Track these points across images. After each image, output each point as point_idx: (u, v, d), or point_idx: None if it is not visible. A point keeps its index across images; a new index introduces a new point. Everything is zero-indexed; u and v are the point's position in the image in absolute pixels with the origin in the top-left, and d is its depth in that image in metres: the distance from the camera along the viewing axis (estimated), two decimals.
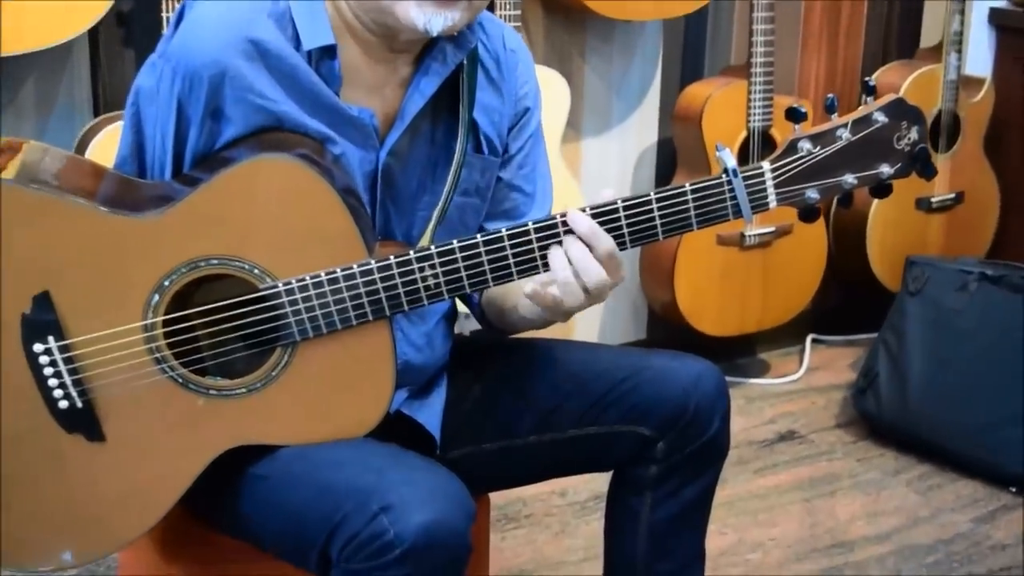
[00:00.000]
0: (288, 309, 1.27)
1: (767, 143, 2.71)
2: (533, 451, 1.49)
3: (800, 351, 3.20)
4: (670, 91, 2.90)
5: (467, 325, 2.59)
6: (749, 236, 2.78)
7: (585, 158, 2.85)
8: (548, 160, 1.55)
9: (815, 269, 2.96)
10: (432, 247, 1.27)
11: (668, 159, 2.90)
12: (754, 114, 2.69)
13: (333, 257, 1.27)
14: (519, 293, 1.40)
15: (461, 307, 1.59)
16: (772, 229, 2.81)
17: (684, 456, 1.46)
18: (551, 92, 2.52)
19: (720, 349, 2.90)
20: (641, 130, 2.92)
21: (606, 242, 1.27)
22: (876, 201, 2.86)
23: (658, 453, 1.46)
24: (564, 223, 1.27)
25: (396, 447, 1.32)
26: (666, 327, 2.98)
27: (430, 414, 1.48)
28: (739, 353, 3.15)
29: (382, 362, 1.32)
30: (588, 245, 1.26)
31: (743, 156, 2.70)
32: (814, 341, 3.25)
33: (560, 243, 1.27)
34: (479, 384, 1.53)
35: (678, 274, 2.76)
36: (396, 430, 1.39)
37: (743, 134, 2.71)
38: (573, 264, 1.26)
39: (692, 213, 1.29)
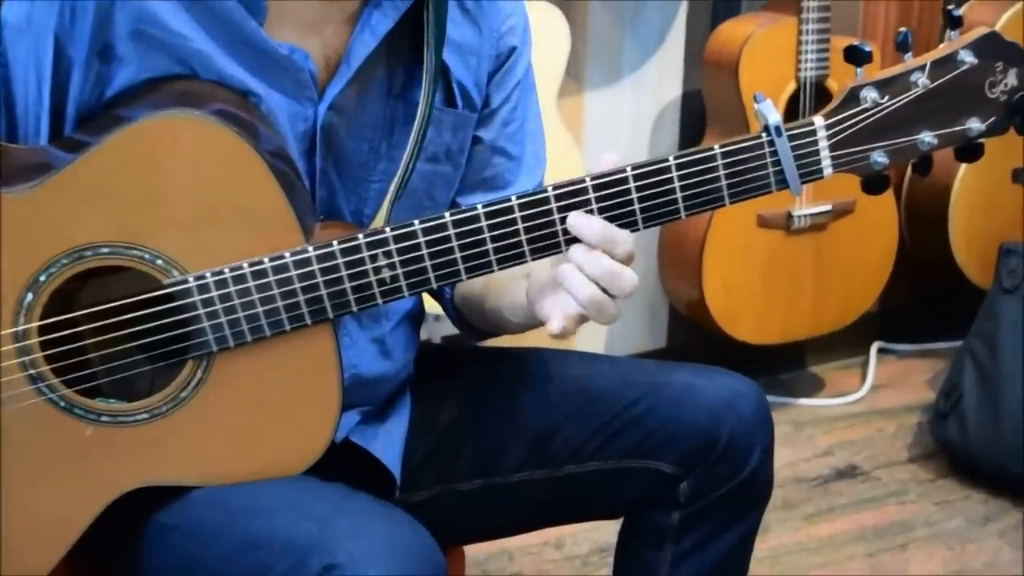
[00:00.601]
0: (202, 311, 1.26)
1: (822, 98, 2.70)
2: (520, 492, 1.49)
3: (863, 364, 3.21)
4: (698, 30, 2.90)
5: (437, 330, 2.60)
6: (798, 216, 2.78)
7: (589, 116, 2.85)
8: (540, 116, 1.55)
9: (883, 259, 2.96)
10: (387, 229, 1.26)
11: (695, 117, 2.90)
12: (806, 60, 2.69)
13: (259, 242, 1.26)
14: (503, 285, 1.39)
15: (429, 305, 1.58)
16: (828, 207, 2.81)
17: (714, 499, 1.46)
18: (546, 32, 2.51)
19: (761, 361, 2.90)
20: (661, 81, 2.92)
21: (624, 243, 1.26)
22: (962, 170, 2.89)
23: (681, 495, 1.46)
24: (565, 231, 1.26)
25: (344, 487, 1.32)
26: (691, 333, 2.98)
27: (388, 444, 1.48)
28: (785, 366, 3.16)
29: (324, 378, 1.31)
30: (605, 252, 1.26)
31: (792, 115, 2.70)
32: (881, 351, 3.26)
33: (566, 257, 1.26)
34: (452, 405, 1.53)
35: (707, 265, 2.75)
36: (344, 465, 1.39)
37: (792, 86, 2.71)
38: (598, 281, 1.25)
39: (723, 183, 1.29)
